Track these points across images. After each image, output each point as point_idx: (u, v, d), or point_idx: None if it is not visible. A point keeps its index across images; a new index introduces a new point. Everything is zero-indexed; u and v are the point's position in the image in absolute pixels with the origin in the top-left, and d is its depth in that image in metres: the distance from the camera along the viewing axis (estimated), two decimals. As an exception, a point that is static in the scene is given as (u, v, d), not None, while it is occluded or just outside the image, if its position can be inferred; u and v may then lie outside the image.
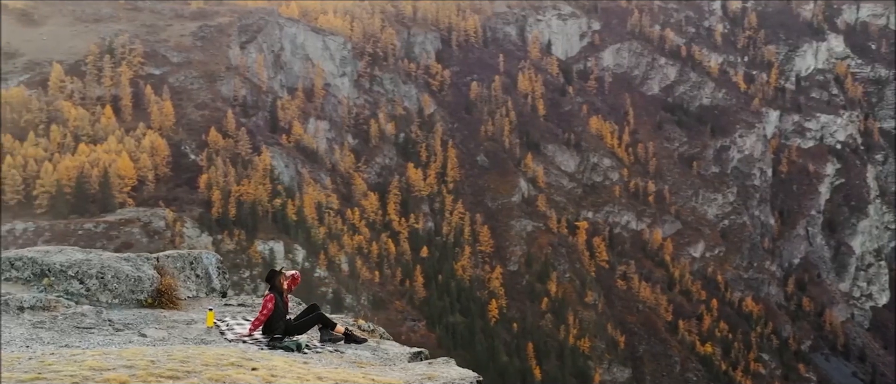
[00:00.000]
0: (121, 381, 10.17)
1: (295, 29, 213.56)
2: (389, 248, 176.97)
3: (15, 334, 13.67)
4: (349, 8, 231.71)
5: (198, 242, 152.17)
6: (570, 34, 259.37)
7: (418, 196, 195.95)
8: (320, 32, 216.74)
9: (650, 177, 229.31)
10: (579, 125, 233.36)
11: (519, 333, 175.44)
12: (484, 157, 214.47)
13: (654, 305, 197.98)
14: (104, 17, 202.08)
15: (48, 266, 16.36)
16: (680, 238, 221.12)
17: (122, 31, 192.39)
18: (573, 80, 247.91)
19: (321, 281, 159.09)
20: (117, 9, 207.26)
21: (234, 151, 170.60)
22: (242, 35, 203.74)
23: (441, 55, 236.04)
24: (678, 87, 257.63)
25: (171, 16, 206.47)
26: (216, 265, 19.18)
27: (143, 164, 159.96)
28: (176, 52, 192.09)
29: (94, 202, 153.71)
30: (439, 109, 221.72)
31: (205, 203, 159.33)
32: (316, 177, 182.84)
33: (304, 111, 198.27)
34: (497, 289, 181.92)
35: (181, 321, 15.96)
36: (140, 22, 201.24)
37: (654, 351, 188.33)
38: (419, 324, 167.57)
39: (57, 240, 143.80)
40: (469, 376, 13.01)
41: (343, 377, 11.81)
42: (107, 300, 16.38)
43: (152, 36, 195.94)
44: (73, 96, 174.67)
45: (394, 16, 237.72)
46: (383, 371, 13.19)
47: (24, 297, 14.95)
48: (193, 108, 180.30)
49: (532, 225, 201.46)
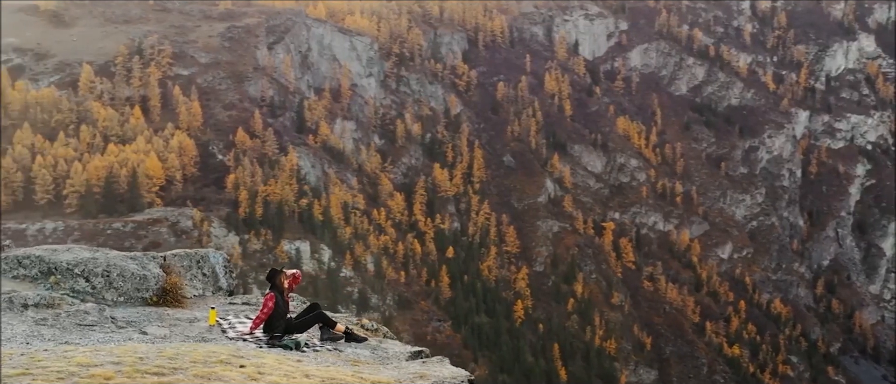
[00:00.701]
0: (106, 377, 10.35)
1: (322, 29, 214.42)
2: (415, 249, 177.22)
3: (17, 331, 13.90)
4: (376, 8, 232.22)
5: (225, 242, 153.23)
6: (597, 34, 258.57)
7: (444, 196, 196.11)
8: (347, 33, 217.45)
9: (678, 177, 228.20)
10: (606, 125, 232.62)
11: (544, 334, 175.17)
12: (510, 158, 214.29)
13: (681, 307, 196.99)
14: (133, 19, 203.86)
15: (55, 264, 16.61)
16: (707, 239, 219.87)
17: (151, 32, 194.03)
18: (600, 80, 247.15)
19: (347, 281, 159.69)
20: (146, 10, 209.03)
21: (261, 151, 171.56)
22: (270, 36, 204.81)
23: (467, 55, 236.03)
24: (706, 87, 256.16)
25: (199, 17, 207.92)
26: (223, 264, 19.37)
27: (171, 164, 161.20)
28: (204, 53, 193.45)
29: (122, 202, 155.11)
30: (466, 110, 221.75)
31: (232, 203, 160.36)
32: (342, 177, 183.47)
33: (331, 111, 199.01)
34: (523, 290, 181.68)
35: (184, 319, 16.16)
36: (169, 23, 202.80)
37: (680, 352, 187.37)
38: (444, 325, 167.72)
39: (86, 239, 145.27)
40: (461, 375, 13.09)
41: (331, 375, 11.92)
42: (112, 298, 16.61)
43: (181, 37, 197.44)
44: (102, 97, 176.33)
45: (420, 16, 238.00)
46: (377, 369, 13.30)
47: (28, 295, 15.19)
48: (221, 109, 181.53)
49: (558, 225, 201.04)
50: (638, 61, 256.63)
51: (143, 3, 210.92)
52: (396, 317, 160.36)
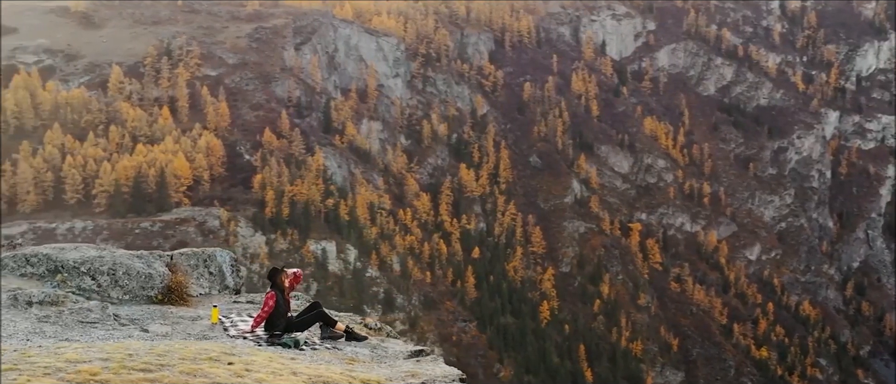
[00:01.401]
0: (92, 373, 10.51)
1: (349, 30, 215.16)
2: (441, 249, 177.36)
3: (19, 328, 14.11)
4: (403, 9, 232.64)
5: (251, 242, 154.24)
6: (624, 34, 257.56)
7: (470, 197, 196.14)
8: (374, 33, 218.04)
9: (705, 178, 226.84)
10: (633, 126, 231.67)
11: (570, 335, 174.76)
12: (536, 158, 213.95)
13: (709, 308, 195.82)
14: (162, 20, 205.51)
15: (62, 262, 16.84)
16: (735, 240, 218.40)
17: (179, 33, 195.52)
18: (627, 80, 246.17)
19: (372, 281, 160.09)
20: (175, 11, 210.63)
21: (287, 152, 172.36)
22: (297, 36, 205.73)
23: (494, 56, 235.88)
24: (735, 87, 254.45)
25: (227, 18, 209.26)
26: (230, 263, 19.55)
27: (198, 164, 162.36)
28: (232, 54, 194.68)
29: (150, 201, 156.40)
30: (492, 110, 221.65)
31: (259, 203, 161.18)
32: (368, 177, 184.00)
33: (358, 112, 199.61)
34: (549, 291, 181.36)
35: (187, 317, 16.33)
36: (197, 24, 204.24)
37: (707, 354, 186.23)
38: (470, 325, 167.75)
39: (114, 238, 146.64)
40: (452, 373, 13.15)
41: (320, 373, 12.01)
42: (118, 296, 16.82)
43: (209, 38, 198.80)
44: (131, 97, 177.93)
45: (447, 17, 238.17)
46: (370, 367, 13.39)
47: (32, 292, 15.42)
48: (248, 109, 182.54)
49: (585, 226, 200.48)
50: (665, 61, 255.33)
51: (171, 5, 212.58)
52: (422, 317, 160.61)
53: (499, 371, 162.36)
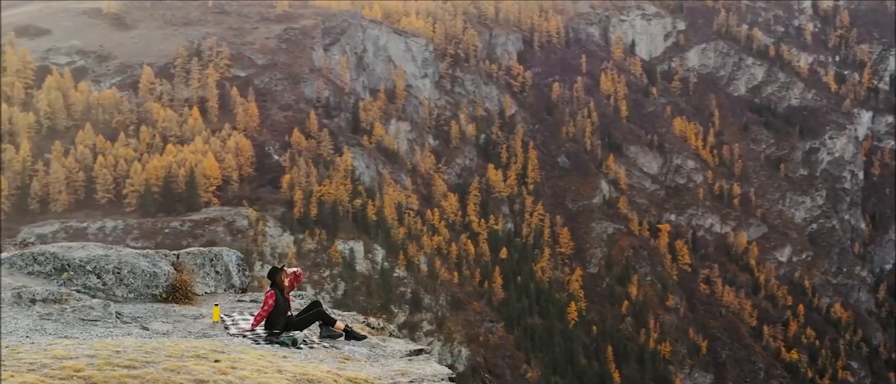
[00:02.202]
0: (76, 369, 10.70)
1: (377, 31, 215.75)
2: (468, 249, 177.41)
3: (20, 325, 14.37)
4: (431, 9, 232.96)
5: (279, 241, 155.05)
6: (654, 34, 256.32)
7: (498, 197, 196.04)
8: (402, 34, 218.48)
9: (735, 179, 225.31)
10: (663, 126, 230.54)
11: (598, 336, 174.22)
12: (565, 159, 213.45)
13: (738, 310, 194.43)
14: (193, 21, 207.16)
15: (68, 261, 17.10)
16: (766, 242, 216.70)
17: (209, 34, 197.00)
18: (657, 80, 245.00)
19: (400, 281, 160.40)
20: (205, 12, 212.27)
21: (316, 152, 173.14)
22: (326, 37, 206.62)
23: (523, 56, 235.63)
24: (766, 87, 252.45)
25: (257, 19, 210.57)
26: (236, 262, 19.75)
27: (227, 165, 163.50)
28: (261, 55, 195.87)
29: (180, 201, 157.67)
30: (520, 110, 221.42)
31: (287, 203, 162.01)
32: (396, 177, 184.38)
33: (386, 112, 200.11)
34: (576, 292, 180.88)
35: (189, 315, 16.53)
36: (227, 25, 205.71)
37: (737, 356, 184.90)
38: (497, 326, 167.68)
39: (144, 237, 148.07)
40: (442, 372, 13.23)
41: (305, 371, 12.14)
42: (122, 294, 17.06)
43: (238, 38, 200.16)
44: (162, 98, 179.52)
45: (476, 17, 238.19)
46: (361, 366, 13.51)
47: (36, 290, 15.67)
48: (277, 110, 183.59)
49: (613, 227, 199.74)
50: (696, 61, 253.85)
51: (202, 6, 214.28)
52: (449, 317, 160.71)
53: (526, 372, 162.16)
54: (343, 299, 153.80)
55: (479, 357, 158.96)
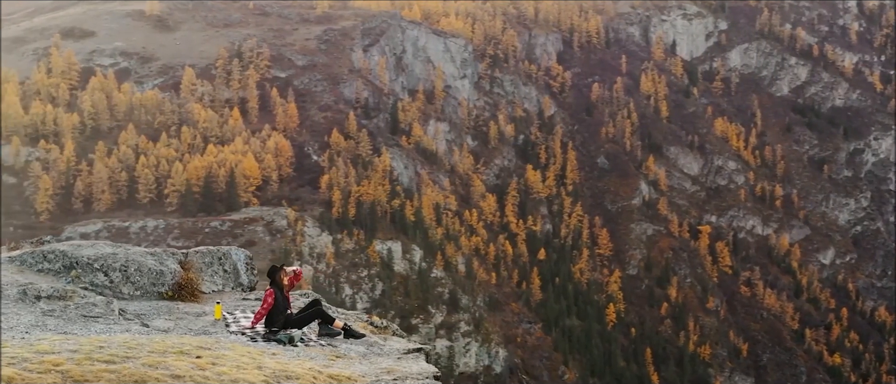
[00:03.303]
0: (55, 363, 10.94)
1: (417, 31, 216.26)
2: (506, 250, 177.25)
3: (22, 321, 14.68)
4: (471, 10, 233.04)
5: (318, 241, 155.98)
6: (695, 34, 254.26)
7: (537, 198, 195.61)
8: (442, 35, 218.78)
9: (778, 180, 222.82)
10: (704, 127, 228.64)
11: (637, 338, 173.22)
12: (604, 160, 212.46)
13: (780, 313, 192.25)
14: (234, 22, 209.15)
15: (76, 259, 17.43)
16: (808, 244, 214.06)
17: (250, 36, 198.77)
18: (698, 81, 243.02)
19: (437, 281, 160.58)
20: (246, 14, 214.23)
21: (354, 152, 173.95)
22: (365, 38, 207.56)
23: (562, 56, 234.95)
24: (809, 87, 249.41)
25: (297, 20, 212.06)
26: (245, 261, 19.99)
27: (267, 165, 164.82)
28: (301, 56, 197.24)
29: (220, 201, 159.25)
30: (559, 111, 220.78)
31: (326, 203, 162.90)
32: (435, 178, 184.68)
33: (425, 113, 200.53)
34: (615, 293, 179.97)
35: (192, 313, 16.78)
36: (267, 26, 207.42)
37: (778, 360, 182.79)
38: (535, 327, 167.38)
39: (185, 237, 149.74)
40: (428, 370, 13.30)
41: (285, 367, 12.28)
42: (129, 292, 17.36)
43: (279, 40, 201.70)
44: (203, 99, 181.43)
45: (515, 17, 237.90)
46: (350, 364, 13.65)
47: (42, 287, 16.00)
48: (317, 110, 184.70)
49: (652, 228, 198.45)
50: (738, 61, 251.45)
51: (243, 7, 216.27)
52: (487, 318, 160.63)
53: (564, 373, 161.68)
54: (381, 299, 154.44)
55: (516, 358, 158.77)
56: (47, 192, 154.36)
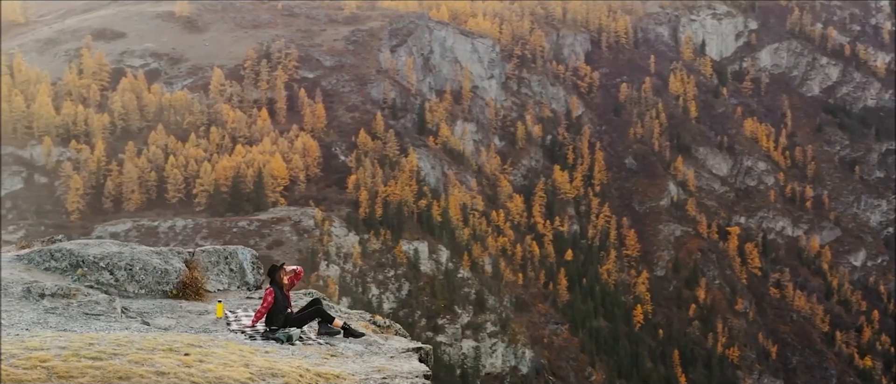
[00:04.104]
0: (42, 359, 11.09)
1: (444, 32, 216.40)
2: (533, 251, 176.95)
3: (24, 318, 14.87)
4: (498, 10, 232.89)
5: (345, 241, 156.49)
6: (725, 34, 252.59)
7: (564, 199, 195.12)
8: (469, 35, 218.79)
9: (808, 181, 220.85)
10: (733, 127, 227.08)
11: (664, 340, 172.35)
12: (632, 160, 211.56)
13: (810, 315, 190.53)
14: (262, 23, 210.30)
15: (83, 257, 17.64)
16: (839, 246, 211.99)
17: (278, 37, 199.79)
18: (727, 81, 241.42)
19: (464, 282, 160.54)
20: (275, 14, 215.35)
21: (382, 153, 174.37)
22: (393, 39, 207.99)
23: (590, 57, 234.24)
24: (841, 87, 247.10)
25: (325, 21, 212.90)
26: (251, 260, 20.13)
27: (295, 165, 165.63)
28: (329, 56, 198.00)
29: (248, 201, 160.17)
30: (587, 111, 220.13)
31: (353, 203, 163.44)
32: (461, 178, 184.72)
33: (452, 113, 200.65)
34: (643, 295, 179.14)
35: (195, 311, 16.93)
36: (296, 27, 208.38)
37: (808, 362, 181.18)
38: (562, 328, 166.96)
39: (213, 236, 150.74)
40: (419, 369, 13.33)
41: (271, 365, 12.36)
42: (134, 290, 17.54)
43: (307, 40, 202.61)
44: (231, 99, 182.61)
45: (543, 18, 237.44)
46: (342, 362, 13.71)
47: (46, 285, 16.21)
48: (344, 111, 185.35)
49: (681, 229, 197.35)
50: (768, 61, 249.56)
51: (271, 8, 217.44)
52: (513, 318, 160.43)
53: (591, 374, 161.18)
54: (407, 299, 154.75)
55: (543, 359, 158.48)
56: (78, 192, 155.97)
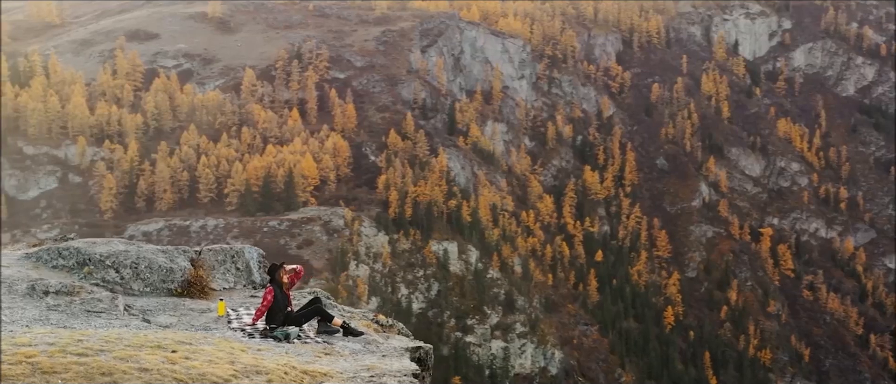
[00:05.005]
0: (28, 355, 11.28)
1: (475, 32, 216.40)
2: (563, 251, 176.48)
3: (26, 315, 15.10)
4: (529, 10, 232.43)
5: (374, 241, 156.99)
6: (758, 33, 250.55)
7: (594, 199, 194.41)
8: (500, 35, 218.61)
9: (842, 182, 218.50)
10: (766, 128, 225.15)
11: (695, 342, 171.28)
12: (663, 161, 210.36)
13: (844, 318, 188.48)
14: (294, 24, 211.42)
15: (89, 256, 17.88)
16: (874, 247, 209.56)
17: (309, 37, 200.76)
18: (760, 81, 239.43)
19: (493, 282, 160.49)
20: (306, 15, 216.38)
21: (412, 153, 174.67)
22: (423, 39, 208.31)
23: (622, 57, 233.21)
24: (876, 87, 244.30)
25: (356, 21, 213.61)
26: (257, 259, 20.30)
27: (325, 165, 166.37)
28: (359, 57, 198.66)
29: (279, 200, 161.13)
30: (618, 111, 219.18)
31: (382, 203, 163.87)
32: (491, 178, 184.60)
33: (482, 113, 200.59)
34: (673, 296, 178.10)
35: (197, 309, 17.10)
36: (327, 28, 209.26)
37: (841, 366, 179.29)
38: (591, 329, 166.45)
39: (244, 236, 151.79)
40: (408, 368, 13.38)
41: (257, 362, 12.46)
42: (139, 288, 17.75)
43: (338, 41, 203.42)
44: (263, 100, 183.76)
45: (574, 18, 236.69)
46: (333, 361, 13.80)
47: (50, 282, 16.45)
48: (375, 111, 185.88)
49: (712, 230, 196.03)
50: (802, 61, 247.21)
51: (303, 9, 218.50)
52: (543, 319, 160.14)
53: (620, 376, 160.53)
54: (436, 299, 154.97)
55: (572, 360, 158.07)
56: (111, 191, 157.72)
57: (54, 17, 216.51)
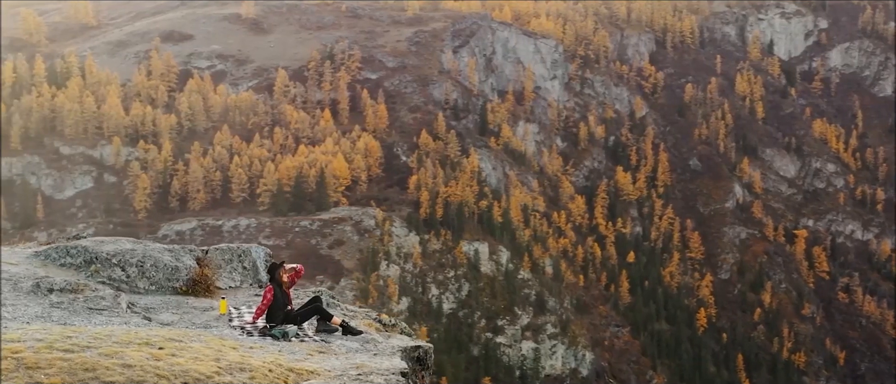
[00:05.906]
0: (14, 351, 11.46)
1: (507, 33, 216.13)
2: (595, 252, 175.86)
3: (28, 312, 15.31)
4: (562, 10, 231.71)
5: (405, 241, 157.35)
6: (793, 33, 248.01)
7: (626, 200, 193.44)
8: (532, 36, 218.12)
9: (880, 184, 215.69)
10: (801, 128, 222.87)
11: (728, 344, 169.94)
12: (697, 161, 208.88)
13: (880, 321, 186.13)
14: (326, 25, 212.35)
15: (96, 254, 18.11)
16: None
17: (341, 38, 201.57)
18: (796, 81, 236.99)
19: (524, 283, 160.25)
20: (339, 16, 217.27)
21: (443, 153, 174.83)
22: (455, 39, 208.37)
23: (655, 57, 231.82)
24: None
25: (388, 22, 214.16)
26: (264, 259, 20.44)
27: (356, 165, 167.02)
28: (391, 57, 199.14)
29: (310, 200, 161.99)
30: (651, 112, 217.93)
31: (413, 203, 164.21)
32: (523, 179, 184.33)
33: (514, 114, 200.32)
34: (706, 298, 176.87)
35: (200, 307, 17.27)
36: (359, 28, 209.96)
37: (877, 369, 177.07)
38: (623, 331, 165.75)
39: (276, 235, 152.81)
40: (397, 367, 13.41)
41: (243, 359, 12.53)
42: (144, 286, 17.96)
43: (370, 42, 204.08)
44: (295, 100, 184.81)
45: (607, 17, 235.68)
46: (324, 359, 13.87)
47: (55, 280, 16.66)
48: (406, 111, 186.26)
49: (746, 232, 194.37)
50: (838, 61, 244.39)
51: (335, 10, 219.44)
52: (574, 320, 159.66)
53: (652, 378, 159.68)
54: (467, 300, 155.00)
55: (603, 361, 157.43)
56: (145, 191, 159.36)
57: (91, 19, 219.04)
